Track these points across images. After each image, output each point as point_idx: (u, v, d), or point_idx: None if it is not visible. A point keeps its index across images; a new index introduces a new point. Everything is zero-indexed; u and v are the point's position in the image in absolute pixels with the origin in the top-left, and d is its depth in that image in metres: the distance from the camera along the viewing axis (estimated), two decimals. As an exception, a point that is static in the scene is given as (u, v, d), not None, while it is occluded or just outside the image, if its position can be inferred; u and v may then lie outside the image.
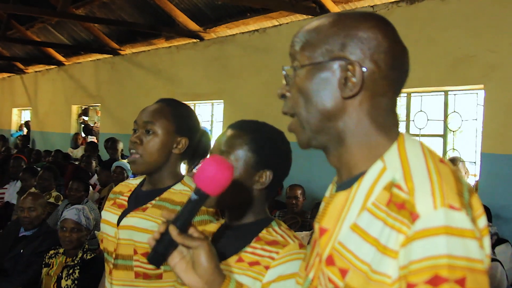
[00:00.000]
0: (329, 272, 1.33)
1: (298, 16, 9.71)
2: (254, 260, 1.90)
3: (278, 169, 2.06)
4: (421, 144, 1.38)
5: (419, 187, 1.23)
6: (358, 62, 1.34)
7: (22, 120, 22.23)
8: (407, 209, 1.20)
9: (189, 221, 1.61)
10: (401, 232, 1.20)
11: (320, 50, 1.38)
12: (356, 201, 1.33)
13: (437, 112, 8.24)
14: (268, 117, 2.49)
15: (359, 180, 1.36)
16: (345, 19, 1.39)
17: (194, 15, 11.62)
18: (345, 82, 1.35)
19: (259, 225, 2.02)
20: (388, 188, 1.28)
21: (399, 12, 8.12)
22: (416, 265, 1.16)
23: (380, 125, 1.38)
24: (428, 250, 1.16)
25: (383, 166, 1.33)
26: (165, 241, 1.59)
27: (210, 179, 1.59)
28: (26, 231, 5.54)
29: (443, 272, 1.15)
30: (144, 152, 2.46)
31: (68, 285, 4.45)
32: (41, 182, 7.83)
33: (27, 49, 18.99)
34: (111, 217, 2.57)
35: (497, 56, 6.96)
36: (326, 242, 1.38)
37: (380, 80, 1.36)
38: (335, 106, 1.37)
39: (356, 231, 1.29)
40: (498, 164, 6.91)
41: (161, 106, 2.53)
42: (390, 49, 1.37)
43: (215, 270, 1.61)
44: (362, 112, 1.37)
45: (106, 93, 15.71)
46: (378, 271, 1.22)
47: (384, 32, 1.37)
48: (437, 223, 1.17)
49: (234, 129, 2.08)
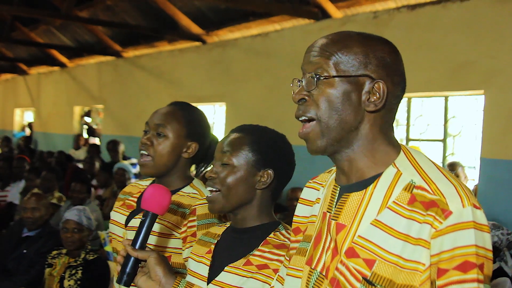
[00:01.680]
0: (353, 263, 1.47)
1: (300, 21, 9.74)
2: (263, 264, 1.95)
3: (280, 170, 2.11)
4: (423, 153, 1.59)
5: (445, 189, 1.43)
6: (383, 81, 1.51)
7: (24, 121, 22.25)
8: (439, 207, 1.40)
9: (144, 239, 1.92)
10: (433, 226, 1.39)
11: (349, 64, 1.52)
12: (374, 200, 1.50)
13: (437, 116, 8.27)
14: (270, 121, 2.54)
15: (374, 182, 1.53)
16: (369, 40, 1.55)
17: (196, 19, 11.66)
18: (369, 97, 1.51)
19: (266, 228, 2.07)
20: (408, 189, 1.47)
21: (400, 18, 8.16)
22: (448, 254, 1.37)
23: (387, 136, 1.57)
24: (459, 241, 1.37)
25: (397, 171, 1.52)
26: (128, 262, 1.90)
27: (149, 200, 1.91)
28: (29, 231, 5.57)
29: (472, 259, 1.36)
30: (154, 154, 2.47)
31: (71, 286, 4.48)
32: (44, 183, 7.86)
33: (30, 51, 19.03)
34: (119, 217, 2.60)
35: (497, 62, 6.99)
36: (344, 237, 1.52)
37: (393, 99, 1.55)
38: (356, 117, 1.53)
39: (379, 226, 1.46)
40: (498, 169, 6.93)
41: (174, 109, 2.54)
42: (402, 73, 1.57)
43: (166, 272, 1.89)
44: (375, 125, 1.54)
45: (109, 95, 15.74)
46: (411, 259, 1.40)
47: (399, 59, 1.57)
48: (467, 218, 1.39)
49: (236, 132, 2.15)
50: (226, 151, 2.08)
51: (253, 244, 2.03)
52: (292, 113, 1.56)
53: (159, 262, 1.88)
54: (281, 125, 2.00)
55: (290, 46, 9.88)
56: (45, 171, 8.13)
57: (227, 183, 2.05)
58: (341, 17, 9.05)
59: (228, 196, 2.05)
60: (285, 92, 9.81)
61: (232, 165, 2.06)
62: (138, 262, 1.90)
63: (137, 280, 1.90)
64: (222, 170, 2.07)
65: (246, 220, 2.09)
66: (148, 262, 1.89)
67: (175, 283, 1.87)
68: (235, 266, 1.98)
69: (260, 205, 2.09)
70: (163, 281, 1.87)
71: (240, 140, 2.09)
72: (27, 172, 8.94)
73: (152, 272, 1.88)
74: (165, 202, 1.93)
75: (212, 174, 2.08)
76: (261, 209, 2.10)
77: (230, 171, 2.06)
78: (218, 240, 2.15)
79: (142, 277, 1.90)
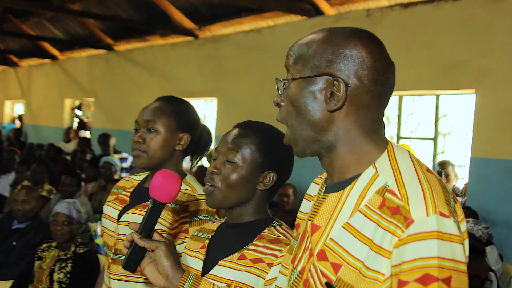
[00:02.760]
0: (321, 266, 1.43)
1: (293, 17, 9.74)
2: (257, 258, 1.95)
3: (282, 171, 2.11)
4: (409, 153, 1.51)
5: (412, 195, 1.35)
6: (342, 78, 1.45)
7: (14, 113, 22.17)
8: (402, 214, 1.33)
9: (151, 227, 1.85)
10: (395, 235, 1.32)
11: (310, 65, 1.48)
12: (348, 203, 1.45)
13: (428, 115, 8.30)
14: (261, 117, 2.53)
15: (352, 183, 1.47)
16: (335, 36, 1.49)
17: (189, 13, 11.64)
18: (330, 96, 1.46)
19: (261, 223, 2.07)
20: (381, 192, 1.40)
21: (393, 16, 8.18)
22: (408, 265, 1.30)
23: (368, 134, 1.49)
24: (420, 252, 1.29)
25: (375, 172, 1.45)
26: (135, 248, 1.83)
27: (159, 189, 1.83)
28: (19, 223, 5.56)
29: (433, 272, 1.28)
30: (148, 149, 2.48)
31: (61, 279, 4.48)
32: (34, 175, 7.85)
33: (21, 43, 18.95)
34: (112, 212, 2.59)
35: (489, 61, 7.02)
36: (318, 238, 1.49)
37: (364, 94, 1.46)
38: (322, 118, 1.48)
39: (349, 230, 1.41)
40: (488, 168, 6.96)
41: (161, 104, 2.55)
42: (373, 66, 1.46)
43: (173, 267, 1.81)
44: (349, 123, 1.48)
45: (100, 88, 15.70)
46: (371, 268, 1.35)
47: (368, 50, 1.47)
48: (430, 228, 1.30)
49: (242, 128, 2.13)
50: (232, 148, 2.06)
51: (247, 238, 2.03)
52: None
53: (167, 255, 1.80)
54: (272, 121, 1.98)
55: (282, 42, 9.82)
56: (35, 164, 8.11)
57: (229, 181, 2.03)
58: (334, 14, 9.06)
59: (227, 194, 2.04)
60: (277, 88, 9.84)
61: (236, 164, 2.04)
62: (144, 248, 1.83)
63: (143, 266, 1.83)
64: (225, 167, 2.05)
65: (242, 216, 2.09)
66: (155, 254, 1.81)
67: (182, 278, 1.81)
68: (229, 260, 1.99)
69: (258, 203, 2.10)
70: (171, 275, 1.80)
71: (247, 139, 2.07)
72: (17, 164, 8.92)
73: (159, 265, 1.80)
74: (174, 191, 1.87)
75: (214, 169, 2.06)
76: (258, 207, 2.10)
77: (234, 169, 2.04)
78: (212, 235, 2.15)
79: (149, 266, 1.83)
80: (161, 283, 1.81)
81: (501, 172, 6.82)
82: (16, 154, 9.64)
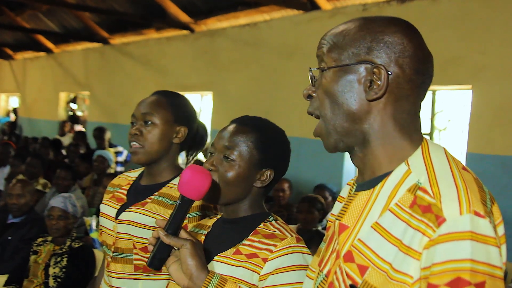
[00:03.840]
0: (347, 268, 1.37)
1: (289, 11, 9.71)
2: (252, 253, 1.94)
3: (279, 168, 2.10)
4: (445, 150, 1.42)
5: (445, 192, 1.27)
6: (384, 65, 1.38)
7: (9, 106, 22.12)
8: (433, 213, 1.24)
9: (178, 224, 1.80)
10: (426, 235, 1.23)
11: (347, 53, 1.41)
12: (378, 201, 1.38)
13: (424, 110, 8.28)
14: (257, 111, 2.53)
15: (383, 181, 1.40)
16: (372, 23, 1.42)
17: (185, 7, 11.61)
18: (370, 85, 1.39)
19: (257, 219, 2.05)
20: (412, 190, 1.32)
21: (390, 11, 8.16)
22: (439, 267, 1.20)
23: (403, 128, 1.42)
24: (452, 254, 1.20)
25: (407, 169, 1.37)
26: (160, 246, 1.78)
27: (188, 185, 1.79)
28: (14, 218, 5.55)
29: (465, 275, 1.18)
30: (145, 142, 2.47)
31: (56, 273, 4.47)
32: (29, 169, 7.84)
33: (16, 35, 18.89)
34: (109, 210, 2.57)
35: (486, 57, 7.02)
36: (345, 239, 1.42)
37: (405, 84, 1.40)
38: (360, 108, 1.40)
39: (378, 230, 1.34)
40: (484, 164, 6.96)
41: (158, 97, 2.55)
42: (415, 54, 1.40)
43: (198, 267, 1.77)
44: (386, 115, 1.41)
45: (95, 82, 15.67)
46: (400, 270, 1.26)
47: (409, 37, 1.41)
48: (463, 228, 1.21)
49: (239, 124, 2.10)
50: (229, 145, 2.04)
51: (242, 234, 2.02)
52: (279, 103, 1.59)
53: (192, 254, 1.76)
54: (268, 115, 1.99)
55: (278, 36, 9.87)
56: (30, 157, 8.09)
57: (226, 178, 2.01)
58: (331, 9, 9.04)
59: (225, 190, 2.03)
60: (273, 82, 9.89)
61: (234, 161, 2.02)
62: (170, 246, 1.80)
63: (168, 264, 1.81)
64: (222, 164, 2.04)
65: (237, 211, 2.08)
66: (180, 252, 1.77)
67: (207, 279, 1.79)
68: (224, 256, 1.98)
69: (254, 199, 2.09)
70: (195, 275, 1.76)
71: (244, 136, 2.05)
72: (12, 158, 8.89)
73: (183, 264, 1.77)
74: (204, 187, 1.82)
75: (211, 166, 2.04)
76: (254, 203, 2.09)
77: (231, 166, 2.02)
78: (208, 231, 2.15)
79: (173, 264, 1.80)
80: (185, 283, 1.78)
81: (497, 168, 6.83)
82: (11, 147, 9.62)
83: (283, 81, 9.24)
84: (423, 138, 1.44)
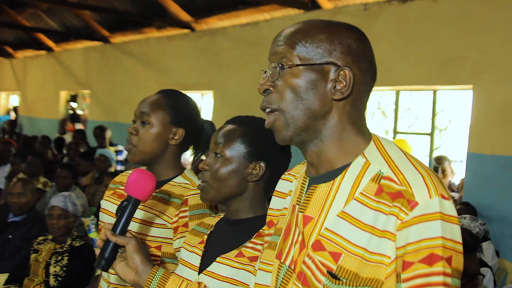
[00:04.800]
0: (319, 257, 1.43)
1: (290, 11, 9.72)
2: (255, 256, 1.94)
3: (273, 161, 2.10)
4: (394, 143, 1.55)
5: (412, 179, 1.39)
6: (349, 68, 1.46)
7: (9, 104, 22.12)
8: (405, 198, 1.36)
9: (125, 225, 1.91)
10: (399, 218, 1.35)
11: (313, 52, 1.48)
12: (341, 192, 1.47)
13: (425, 110, 8.29)
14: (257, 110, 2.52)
15: (342, 173, 1.49)
16: (335, 27, 1.51)
17: (186, 6, 11.61)
18: (335, 85, 1.47)
19: (260, 221, 2.04)
20: (375, 180, 1.43)
21: (391, 10, 8.16)
22: (413, 246, 1.33)
23: (356, 125, 1.52)
24: (425, 233, 1.33)
25: (365, 161, 1.48)
26: (108, 247, 1.88)
27: (134, 186, 1.89)
28: (15, 216, 5.54)
29: (438, 251, 1.32)
30: (139, 142, 2.47)
31: (57, 272, 4.47)
32: (30, 168, 7.83)
33: (17, 34, 18.89)
34: (110, 206, 2.58)
35: (486, 57, 7.02)
36: (311, 229, 1.49)
37: (362, 86, 1.50)
38: (323, 106, 1.48)
39: (346, 218, 1.43)
40: (484, 164, 6.97)
41: (159, 97, 2.54)
42: (371, 60, 1.52)
43: (143, 261, 1.88)
44: (344, 114, 1.50)
45: (95, 81, 15.67)
46: (376, 252, 1.37)
47: (368, 45, 1.53)
48: (433, 209, 1.34)
49: (230, 123, 2.15)
50: (219, 142, 2.08)
51: (245, 236, 2.02)
52: None
53: (137, 249, 1.87)
54: (268, 115, 1.99)
55: (279, 36, 9.85)
56: (30, 156, 8.08)
57: (218, 175, 2.05)
58: (331, 8, 9.04)
59: (219, 188, 2.06)
60: (274, 82, 9.84)
61: (224, 157, 2.06)
62: (117, 247, 1.88)
63: (115, 265, 1.89)
64: (214, 161, 2.08)
65: (239, 212, 2.09)
66: (126, 249, 1.87)
67: (151, 272, 1.87)
68: (227, 257, 1.98)
69: (253, 198, 2.09)
70: (140, 269, 1.87)
71: (233, 132, 2.09)
72: (13, 156, 8.88)
73: (129, 259, 1.87)
74: (149, 188, 1.92)
75: (204, 166, 2.09)
76: (254, 202, 2.09)
77: (222, 163, 2.06)
78: (211, 230, 2.15)
79: (120, 263, 1.89)
80: (131, 277, 1.88)
81: (498, 168, 6.83)
82: (12, 146, 9.61)
83: (283, 80, 9.17)
84: (372, 134, 1.56)
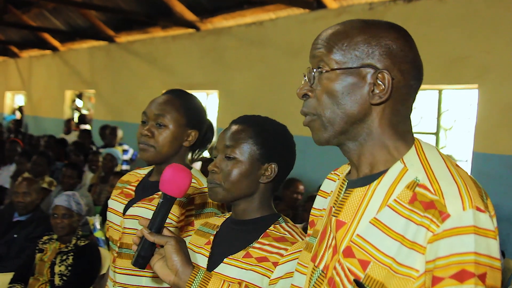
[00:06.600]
0: (348, 264, 1.40)
1: (295, 10, 9.69)
2: (262, 256, 1.93)
3: (283, 162, 2.09)
4: (437, 149, 1.48)
5: (446, 189, 1.32)
6: (388, 71, 1.41)
7: (15, 104, 22.16)
8: (437, 209, 1.30)
9: (161, 222, 1.84)
10: (430, 230, 1.29)
11: (350, 55, 1.44)
12: (376, 198, 1.42)
13: (431, 110, 8.28)
14: (262, 109, 2.53)
15: (379, 178, 1.44)
16: (373, 28, 1.46)
17: (191, 5, 11.59)
18: (373, 89, 1.42)
19: (267, 221, 2.05)
20: (411, 187, 1.37)
21: (396, 10, 8.14)
22: (443, 260, 1.27)
23: (398, 130, 1.47)
24: (456, 247, 1.26)
25: (403, 167, 1.42)
26: (144, 244, 1.82)
27: (168, 182, 1.82)
28: (20, 216, 5.56)
29: (470, 267, 1.25)
30: (156, 144, 2.45)
31: (62, 271, 4.47)
32: (35, 167, 7.84)
33: (22, 34, 18.91)
34: (117, 206, 2.58)
35: (492, 57, 7.00)
36: (343, 235, 1.45)
37: (403, 89, 1.45)
38: (361, 110, 1.44)
39: (377, 225, 1.38)
40: (490, 163, 6.95)
41: (172, 98, 2.52)
42: (413, 61, 1.46)
43: (183, 262, 1.80)
44: (384, 118, 1.45)
45: (101, 80, 15.67)
46: (404, 264, 1.31)
47: (410, 45, 1.47)
48: (467, 223, 1.27)
49: (238, 123, 2.11)
50: (229, 144, 2.05)
51: (253, 236, 2.02)
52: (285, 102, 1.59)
53: (177, 250, 1.79)
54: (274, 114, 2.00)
55: (284, 35, 9.86)
56: (35, 155, 8.10)
57: (231, 177, 2.02)
58: (337, 8, 9.02)
59: (231, 189, 2.03)
60: (278, 81, 9.87)
61: (236, 159, 2.03)
62: (154, 244, 1.83)
63: (153, 263, 1.83)
64: (225, 163, 2.05)
65: (247, 212, 2.08)
66: (165, 249, 1.80)
67: (192, 274, 1.79)
68: (234, 258, 1.97)
69: (262, 198, 2.08)
70: (180, 270, 1.78)
71: (243, 133, 2.06)
72: (18, 156, 8.89)
73: (169, 260, 1.79)
74: (185, 185, 1.85)
75: (214, 168, 2.05)
76: (262, 202, 2.09)
77: (234, 164, 2.03)
78: (217, 231, 2.14)
79: (158, 262, 1.82)
80: (171, 279, 1.80)
81: (503, 168, 6.81)
82: (18, 145, 9.63)
83: (288, 80, 9.18)
84: (415, 138, 1.50)
